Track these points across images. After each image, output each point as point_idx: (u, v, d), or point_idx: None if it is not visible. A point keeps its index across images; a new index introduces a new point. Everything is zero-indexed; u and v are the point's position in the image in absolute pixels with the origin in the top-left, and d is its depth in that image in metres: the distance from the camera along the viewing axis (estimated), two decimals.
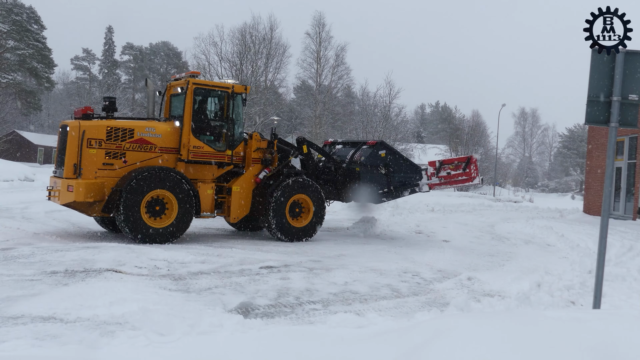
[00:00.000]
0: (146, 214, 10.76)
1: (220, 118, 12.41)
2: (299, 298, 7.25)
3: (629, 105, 6.12)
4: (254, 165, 12.60)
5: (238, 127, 12.50)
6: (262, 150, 12.73)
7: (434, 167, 14.28)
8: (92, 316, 5.72)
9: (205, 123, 12.14)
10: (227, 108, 12.28)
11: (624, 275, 9.31)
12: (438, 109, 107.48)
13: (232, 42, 49.79)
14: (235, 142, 12.32)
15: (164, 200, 10.96)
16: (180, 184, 11.05)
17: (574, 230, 16.33)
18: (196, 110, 11.93)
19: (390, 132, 54.03)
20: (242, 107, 12.59)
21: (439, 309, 6.98)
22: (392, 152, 14.03)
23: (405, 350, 4.24)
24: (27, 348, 4.71)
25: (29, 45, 52.74)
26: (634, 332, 3.89)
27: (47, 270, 7.77)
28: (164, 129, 11.61)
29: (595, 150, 24.63)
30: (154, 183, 10.78)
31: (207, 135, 12.06)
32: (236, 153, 12.35)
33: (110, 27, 77.84)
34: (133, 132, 11.19)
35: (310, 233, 12.71)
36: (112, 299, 6.26)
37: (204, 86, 12.17)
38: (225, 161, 12.20)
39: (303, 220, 12.71)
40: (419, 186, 14.10)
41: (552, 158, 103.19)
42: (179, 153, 11.63)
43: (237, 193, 12.22)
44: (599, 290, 6.20)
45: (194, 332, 5.22)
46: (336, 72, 56.79)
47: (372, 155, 13.64)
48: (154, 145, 11.40)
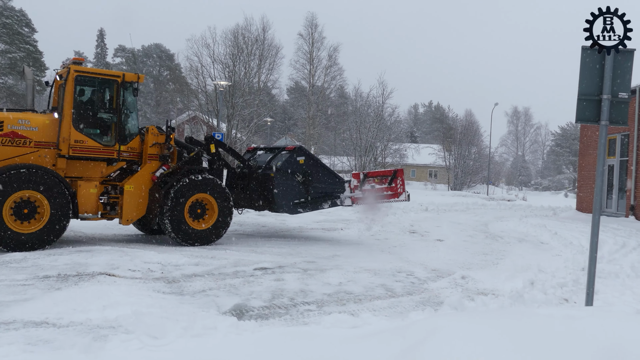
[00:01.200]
0: (12, 216, 9.67)
1: (108, 109, 11.15)
2: (294, 299, 7.24)
3: (619, 103, 6.16)
4: (151, 162, 11.41)
5: (131, 119, 11.37)
6: (160, 145, 11.52)
7: (358, 179, 13.45)
8: (85, 320, 5.70)
9: (90, 115, 10.92)
10: (116, 98, 11.05)
11: (616, 272, 9.35)
12: (431, 109, 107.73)
13: (225, 44, 49.78)
14: (127, 137, 11.21)
15: (35, 203, 9.89)
16: (51, 183, 9.95)
17: (567, 228, 16.40)
18: (78, 100, 10.79)
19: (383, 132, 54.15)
20: (136, 98, 11.42)
21: (433, 308, 6.99)
22: (312, 160, 12.99)
23: (399, 349, 4.24)
24: (19, 353, 4.68)
25: (20, 48, 52.48)
26: (627, 329, 3.91)
27: (40, 275, 7.74)
28: (41, 121, 10.42)
29: (587, 148, 24.74)
30: (18, 183, 9.68)
31: (91, 128, 10.87)
32: (130, 148, 11.22)
33: (102, 30, 77.73)
34: (2, 124, 10.03)
35: (214, 236, 11.55)
36: (105, 303, 6.24)
37: (88, 74, 10.98)
38: (114, 157, 11.03)
39: (206, 222, 11.54)
40: (341, 199, 13.16)
41: (545, 156, 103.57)
42: (59, 148, 10.46)
43: (129, 192, 11.07)
44: (591, 288, 6.23)
45: (188, 335, 5.20)
46: (329, 73, 56.95)
47: (289, 161, 12.58)
48: (28, 139, 10.23)
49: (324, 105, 57.55)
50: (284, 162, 12.52)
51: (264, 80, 53.53)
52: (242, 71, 50.10)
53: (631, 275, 9.15)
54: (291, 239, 13.06)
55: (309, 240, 12.87)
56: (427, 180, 70.16)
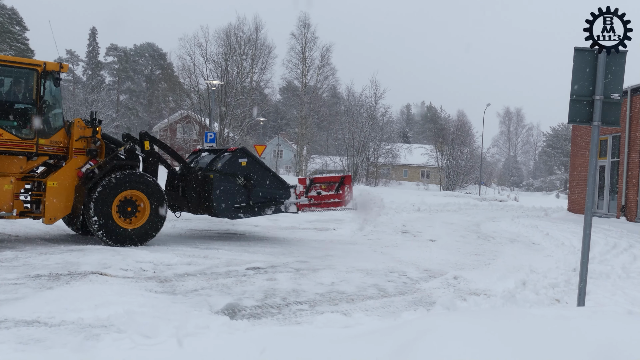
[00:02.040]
0: None
1: (27, 101, 10.45)
2: (286, 299, 7.24)
3: (611, 104, 6.19)
4: (78, 157, 10.72)
5: (54, 112, 10.73)
6: (87, 139, 10.82)
7: (304, 185, 12.83)
8: (76, 319, 5.68)
9: (5, 106, 10.32)
10: (37, 89, 10.35)
11: (608, 272, 9.40)
12: (424, 109, 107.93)
13: (217, 43, 49.71)
14: (49, 130, 10.57)
15: None
16: None
17: (558, 228, 16.47)
18: None
19: (376, 132, 54.26)
20: (59, 89, 10.76)
21: (425, 308, 7.00)
22: (256, 163, 12.25)
23: (392, 349, 4.25)
24: (11, 352, 4.65)
25: (11, 46, 52.21)
26: (619, 329, 3.93)
27: (31, 274, 7.69)
28: None
29: (578, 149, 24.87)
30: None
31: (7, 120, 10.23)
32: (53, 142, 10.55)
33: (94, 29, 77.38)
34: None
35: (146, 236, 10.83)
36: (97, 302, 6.22)
37: (4, 63, 10.33)
38: (33, 151, 10.33)
39: (137, 221, 10.83)
40: (285, 205, 12.44)
41: (537, 157, 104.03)
42: None
43: (52, 189, 10.34)
44: (583, 288, 6.25)
45: (180, 334, 5.18)
46: (322, 73, 56.93)
47: (230, 162, 11.85)
48: None
49: (317, 105, 57.53)
50: (225, 164, 11.82)
51: (256, 79, 53.51)
52: (235, 70, 50.12)
53: (622, 276, 9.20)
54: (283, 239, 13.05)
55: (301, 240, 12.86)
56: (419, 180, 70.39)
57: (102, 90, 59.81)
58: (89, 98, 53.45)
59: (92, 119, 10.98)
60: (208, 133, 28.89)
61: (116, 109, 65.15)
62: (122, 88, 78.72)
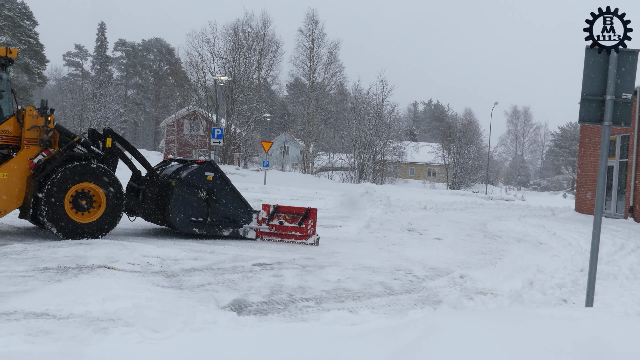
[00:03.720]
0: None
1: None
2: (292, 295, 7.25)
3: (623, 104, 6.16)
4: (30, 147, 10.17)
5: (2, 99, 10.25)
6: (39, 129, 10.25)
7: (267, 212, 12.21)
8: (85, 312, 5.71)
9: None
10: None
11: (615, 273, 9.37)
12: (431, 107, 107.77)
13: (225, 39, 49.84)
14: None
15: None
16: None
17: (565, 228, 16.40)
18: None
19: (383, 129, 54.22)
20: (7, 75, 10.23)
21: (431, 306, 7.00)
22: (222, 179, 11.67)
23: (398, 348, 4.25)
24: (20, 344, 4.69)
25: (21, 41, 52.44)
26: (626, 330, 3.92)
27: (40, 267, 7.74)
28: None
29: (587, 149, 24.76)
30: None
31: None
32: (3, 131, 10.11)
33: (103, 23, 77.63)
34: None
35: (100, 230, 10.30)
36: (105, 296, 6.24)
37: None
38: None
39: (92, 215, 10.28)
40: (245, 229, 11.84)
41: (544, 156, 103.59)
42: None
43: (2, 181, 9.83)
44: (591, 289, 6.23)
45: (188, 329, 5.21)
46: (329, 70, 56.96)
47: (196, 173, 11.38)
48: None
49: (324, 102, 57.54)
50: (190, 174, 11.36)
51: (263, 76, 53.56)
52: (242, 67, 50.17)
53: (630, 277, 9.17)
54: None
55: None
56: (425, 178, 70.25)
57: (110, 85, 60.06)
58: (97, 93, 53.63)
59: (44, 107, 10.43)
60: (215, 129, 28.93)
61: (124, 104, 65.35)
62: (130, 83, 78.97)
